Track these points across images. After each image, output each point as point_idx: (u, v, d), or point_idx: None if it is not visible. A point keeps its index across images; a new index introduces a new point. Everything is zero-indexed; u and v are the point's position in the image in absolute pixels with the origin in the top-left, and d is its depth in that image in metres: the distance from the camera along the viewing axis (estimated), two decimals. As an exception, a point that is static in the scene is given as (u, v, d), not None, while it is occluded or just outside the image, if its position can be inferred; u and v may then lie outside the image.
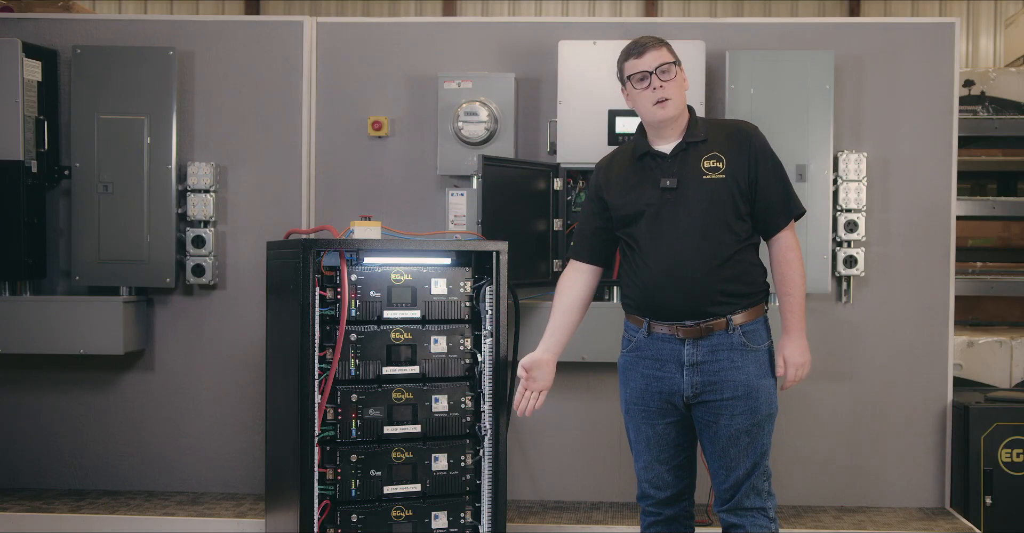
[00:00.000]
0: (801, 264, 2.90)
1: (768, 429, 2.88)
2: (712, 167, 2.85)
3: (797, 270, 2.88)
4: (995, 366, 4.77)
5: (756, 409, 2.84)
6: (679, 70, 2.89)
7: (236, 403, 4.28)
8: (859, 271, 4.09)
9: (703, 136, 2.89)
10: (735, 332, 2.83)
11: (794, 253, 2.89)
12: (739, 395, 2.83)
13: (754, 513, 2.88)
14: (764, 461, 2.88)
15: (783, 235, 2.90)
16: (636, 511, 4.12)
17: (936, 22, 4.20)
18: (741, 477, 2.86)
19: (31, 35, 4.23)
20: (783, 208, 2.89)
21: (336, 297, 3.25)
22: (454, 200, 4.00)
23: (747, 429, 2.84)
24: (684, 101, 2.91)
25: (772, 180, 2.88)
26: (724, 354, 2.83)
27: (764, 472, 2.89)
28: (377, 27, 4.33)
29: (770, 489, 2.92)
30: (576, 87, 4.00)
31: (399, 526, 3.34)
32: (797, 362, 2.90)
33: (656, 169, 2.90)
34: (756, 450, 2.86)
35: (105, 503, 4.13)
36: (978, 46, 11.75)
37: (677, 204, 2.85)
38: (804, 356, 2.91)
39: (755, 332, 2.86)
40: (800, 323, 2.89)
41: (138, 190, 4.10)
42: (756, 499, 2.88)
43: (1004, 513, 4.09)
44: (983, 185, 7.23)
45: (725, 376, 2.83)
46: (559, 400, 4.25)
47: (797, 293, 2.88)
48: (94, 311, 4.05)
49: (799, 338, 2.90)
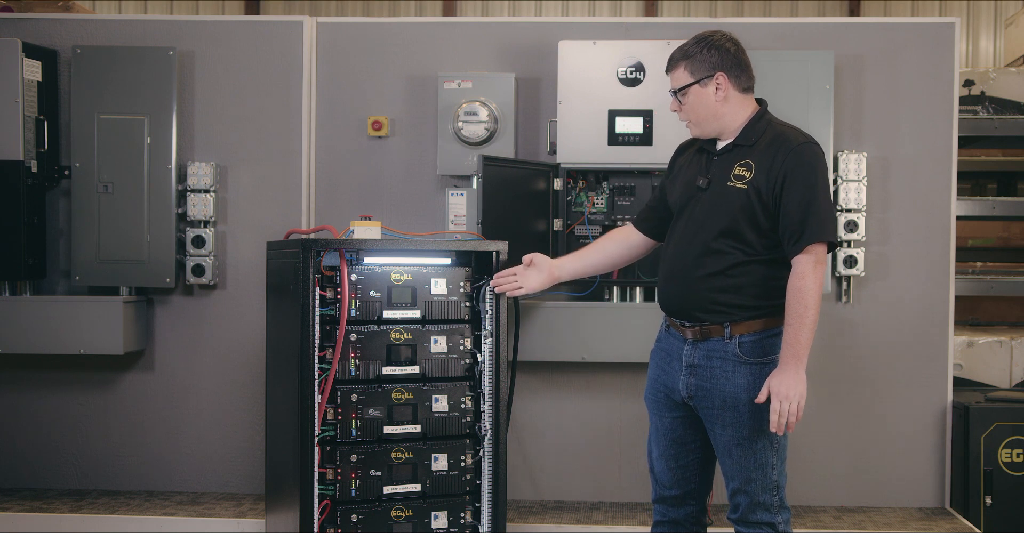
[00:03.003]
0: (811, 295, 2.67)
1: (764, 445, 2.77)
2: (739, 175, 2.77)
3: (801, 301, 2.67)
4: (995, 366, 4.77)
5: (743, 422, 2.76)
6: (699, 87, 2.81)
7: (236, 403, 4.28)
8: (859, 271, 4.09)
9: (752, 140, 2.80)
10: (731, 341, 2.77)
11: (803, 282, 2.67)
12: (727, 406, 2.77)
13: (762, 527, 2.81)
14: (765, 475, 2.79)
15: (797, 261, 2.70)
16: (636, 511, 4.13)
17: (936, 22, 4.20)
18: (737, 488, 2.82)
19: (31, 35, 4.23)
20: (797, 233, 2.70)
21: (336, 297, 3.25)
22: (454, 200, 4.00)
23: (738, 442, 2.78)
24: (712, 117, 2.83)
25: (794, 201, 2.70)
26: (718, 362, 2.79)
27: (768, 486, 2.79)
28: (377, 27, 4.33)
29: (782, 503, 2.82)
30: (576, 87, 4.00)
31: (399, 526, 3.34)
32: (780, 393, 2.66)
33: (703, 166, 2.88)
34: (751, 464, 2.78)
35: (105, 503, 4.13)
36: (978, 46, 11.75)
37: (701, 205, 2.83)
38: (792, 390, 2.65)
39: (756, 345, 2.76)
40: (795, 357, 2.67)
41: (138, 190, 4.09)
42: (763, 514, 2.81)
43: (1004, 513, 4.09)
44: (983, 185, 7.24)
45: (716, 384, 2.79)
46: (559, 400, 4.26)
47: (796, 324, 2.67)
48: (94, 311, 4.05)
49: (789, 370, 2.67)
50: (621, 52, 3.99)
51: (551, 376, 4.24)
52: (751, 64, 2.87)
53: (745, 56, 2.86)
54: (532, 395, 4.23)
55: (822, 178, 2.74)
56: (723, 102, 2.82)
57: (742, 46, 2.87)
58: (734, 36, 2.88)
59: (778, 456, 2.80)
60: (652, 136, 3.97)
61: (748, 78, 2.86)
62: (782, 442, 2.82)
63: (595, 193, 4.09)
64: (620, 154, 4.00)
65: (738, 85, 2.84)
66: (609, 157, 4.00)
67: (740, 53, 2.85)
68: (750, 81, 2.87)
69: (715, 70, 2.80)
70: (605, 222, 4.07)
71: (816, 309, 2.67)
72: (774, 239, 2.76)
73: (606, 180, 4.09)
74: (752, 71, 2.88)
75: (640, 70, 3.98)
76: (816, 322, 2.69)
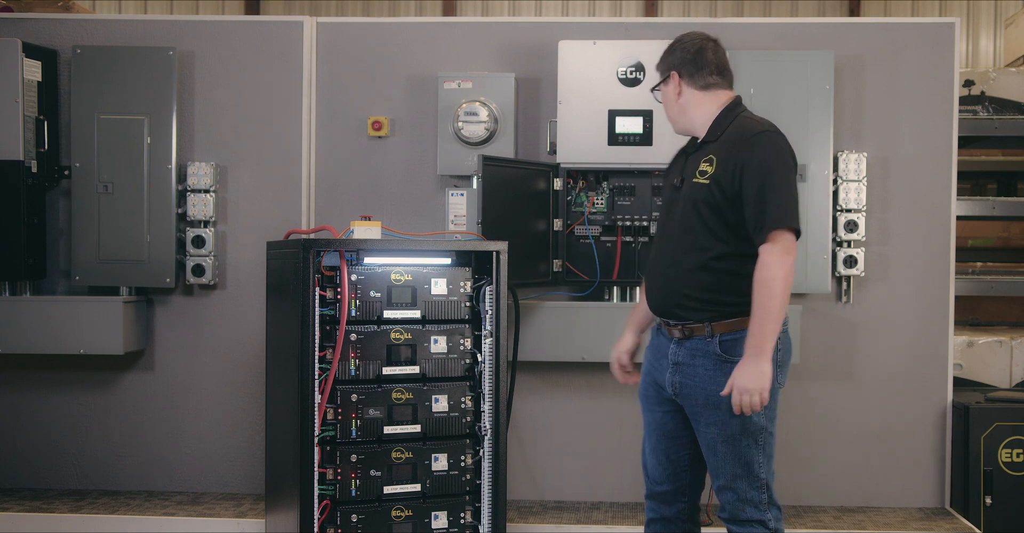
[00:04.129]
0: (776, 285, 2.63)
1: (748, 443, 2.76)
2: (702, 170, 2.78)
3: (764, 291, 2.63)
4: (995, 366, 4.77)
5: (725, 421, 2.75)
6: (664, 86, 2.92)
7: (236, 403, 4.28)
8: (859, 271, 4.09)
9: (717, 135, 2.82)
10: (713, 340, 2.76)
11: (768, 272, 2.64)
12: (710, 404, 2.77)
13: (752, 525, 2.81)
14: (750, 472, 2.78)
15: (761, 250, 2.68)
16: (636, 511, 4.13)
17: (936, 22, 4.20)
18: (723, 486, 2.81)
19: (31, 35, 4.23)
20: (757, 222, 2.68)
21: (336, 297, 3.25)
22: (454, 200, 4.00)
23: (723, 439, 2.77)
24: (677, 114, 2.92)
25: (751, 191, 2.69)
26: (700, 360, 2.79)
27: (755, 483, 2.79)
28: (377, 27, 4.33)
29: (771, 499, 2.81)
30: (576, 87, 4.00)
31: (399, 526, 3.34)
32: (740, 386, 2.63)
33: (682, 165, 2.93)
34: (736, 461, 2.77)
35: (105, 503, 4.13)
36: (978, 46, 11.74)
37: (677, 204, 2.86)
38: (752, 383, 2.62)
39: (737, 344, 2.72)
40: (757, 348, 2.63)
41: (138, 190, 4.09)
42: (753, 511, 2.80)
43: (1004, 513, 4.09)
44: (983, 185, 7.23)
45: (698, 382, 2.79)
46: (559, 400, 4.26)
47: (760, 315, 2.63)
48: (94, 311, 4.04)
49: (750, 362, 2.64)
50: (621, 52, 3.99)
51: (551, 376, 4.24)
52: (717, 61, 2.88)
53: (710, 55, 2.87)
54: (532, 395, 4.23)
55: (780, 165, 2.72)
56: (682, 100, 2.89)
57: (712, 45, 2.89)
58: (709, 36, 2.91)
59: (764, 453, 2.79)
60: (652, 136, 3.97)
61: (706, 76, 2.87)
62: (768, 439, 2.80)
63: (595, 193, 4.09)
64: (620, 154, 4.00)
65: (694, 84, 2.87)
66: (609, 157, 4.00)
67: (702, 52, 2.86)
68: (709, 78, 2.87)
69: (670, 70, 2.90)
70: (605, 222, 4.07)
71: (781, 299, 2.64)
72: (745, 234, 2.74)
73: (606, 180, 4.09)
74: (715, 68, 2.87)
75: (640, 70, 3.98)
76: (782, 313, 2.66)
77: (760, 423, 2.76)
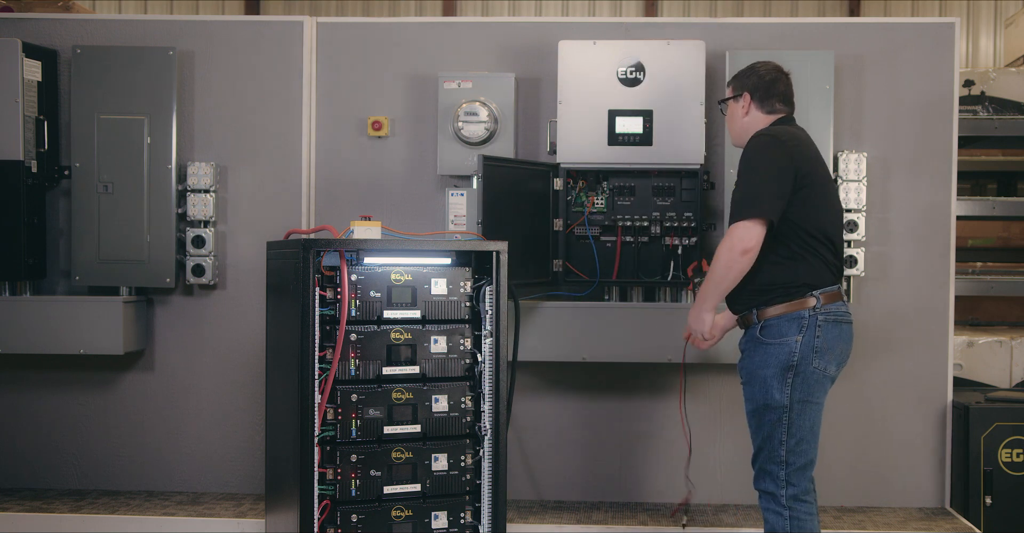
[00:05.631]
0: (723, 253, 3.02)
1: (769, 419, 3.06)
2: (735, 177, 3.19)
3: (715, 258, 3.06)
4: (995, 366, 4.77)
5: (754, 397, 3.11)
6: (732, 103, 3.27)
7: (236, 403, 4.28)
8: (859, 271, 4.09)
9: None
10: (757, 325, 3.11)
11: (724, 244, 3.03)
12: (746, 381, 3.14)
13: (766, 497, 3.10)
14: (772, 447, 3.06)
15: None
16: (636, 511, 4.13)
17: (936, 22, 4.20)
18: (754, 454, 3.14)
19: (31, 35, 4.23)
20: (734, 210, 3.06)
21: (336, 297, 3.25)
22: (454, 200, 4.00)
23: (752, 412, 3.13)
24: (745, 132, 3.21)
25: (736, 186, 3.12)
26: (748, 344, 3.15)
27: (774, 458, 3.06)
28: (377, 27, 4.33)
29: (788, 478, 3.06)
30: (576, 87, 4.00)
31: (399, 526, 3.33)
32: (688, 324, 3.25)
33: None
34: (760, 434, 3.10)
35: (105, 503, 4.13)
36: (978, 46, 11.74)
37: None
38: (693, 323, 3.21)
39: (772, 328, 3.07)
40: (700, 298, 3.16)
41: (138, 190, 4.10)
42: (769, 483, 3.09)
43: (1004, 513, 4.09)
44: (983, 185, 7.23)
45: (743, 362, 3.17)
46: (559, 400, 4.26)
47: (708, 275, 3.11)
48: (94, 311, 4.05)
49: (693, 308, 3.20)
50: (621, 52, 3.99)
51: (551, 376, 4.24)
52: (787, 92, 3.23)
53: (782, 87, 3.23)
54: (532, 395, 4.23)
55: (760, 162, 3.06)
56: (747, 119, 3.24)
57: (784, 78, 3.24)
58: (783, 69, 3.26)
59: (790, 433, 3.04)
60: (652, 136, 3.97)
61: (774, 103, 3.22)
62: (795, 419, 3.04)
63: (595, 193, 4.09)
64: (620, 154, 4.00)
65: (762, 108, 3.23)
66: (609, 157, 4.00)
67: (776, 83, 3.22)
68: (776, 105, 3.22)
69: (744, 90, 3.24)
70: (605, 222, 4.07)
71: (721, 270, 3.04)
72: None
73: (606, 180, 4.09)
74: (783, 98, 3.23)
75: (640, 70, 3.98)
76: (721, 281, 3.06)
77: (782, 401, 3.03)
